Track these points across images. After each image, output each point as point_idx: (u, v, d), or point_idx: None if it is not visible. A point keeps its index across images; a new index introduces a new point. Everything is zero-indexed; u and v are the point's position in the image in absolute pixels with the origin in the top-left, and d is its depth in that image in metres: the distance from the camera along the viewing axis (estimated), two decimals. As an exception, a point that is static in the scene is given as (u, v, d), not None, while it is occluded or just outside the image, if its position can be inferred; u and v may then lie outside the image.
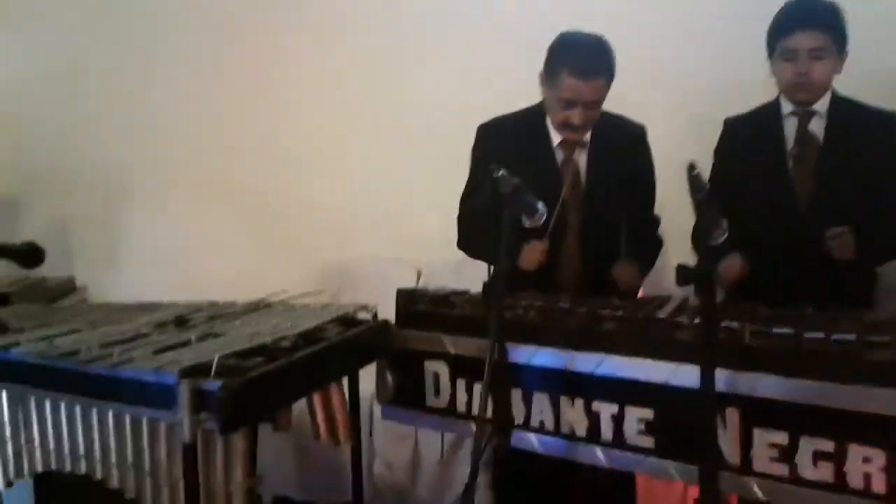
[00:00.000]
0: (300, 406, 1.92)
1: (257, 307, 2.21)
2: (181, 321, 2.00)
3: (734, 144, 2.28)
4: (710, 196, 1.57)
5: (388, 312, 2.16)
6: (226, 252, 3.63)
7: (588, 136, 2.24)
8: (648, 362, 1.72)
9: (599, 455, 1.80)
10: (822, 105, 2.15)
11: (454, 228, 2.36)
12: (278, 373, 1.67)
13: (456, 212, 2.35)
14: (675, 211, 2.16)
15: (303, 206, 3.59)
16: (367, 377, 2.13)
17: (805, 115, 2.16)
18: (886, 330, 1.59)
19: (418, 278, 3.33)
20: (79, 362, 1.71)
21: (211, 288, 2.57)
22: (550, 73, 2.14)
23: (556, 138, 2.24)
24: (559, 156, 2.25)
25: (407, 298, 2.13)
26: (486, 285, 1.86)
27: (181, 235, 3.69)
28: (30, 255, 1.68)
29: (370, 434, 2.85)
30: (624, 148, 2.26)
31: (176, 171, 3.70)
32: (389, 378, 2.11)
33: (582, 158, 2.25)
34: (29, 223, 3.88)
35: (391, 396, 2.13)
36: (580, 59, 2.09)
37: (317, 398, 1.94)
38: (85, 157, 3.84)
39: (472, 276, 2.12)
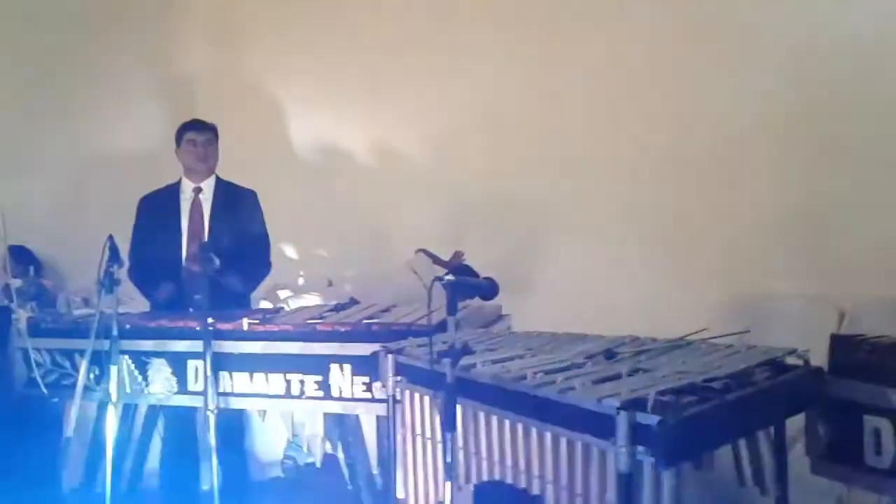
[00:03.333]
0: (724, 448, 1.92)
1: (679, 345, 2.26)
2: (610, 354, 2.14)
3: None
4: None
5: (814, 357, 2.05)
6: (637, 285, 3.75)
7: None
8: None
9: None
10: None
11: (889, 267, 2.17)
12: (712, 413, 1.70)
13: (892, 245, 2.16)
14: None
15: (713, 237, 3.57)
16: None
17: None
18: None
19: (841, 321, 3.09)
20: (527, 386, 1.92)
21: (620, 320, 2.69)
22: None
23: None
24: None
25: (845, 345, 2.00)
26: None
27: (593, 267, 3.91)
28: (490, 289, 1.95)
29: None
30: None
31: (589, 203, 3.94)
32: (821, 430, 2.00)
33: None
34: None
35: (823, 450, 2.01)
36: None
37: (742, 443, 1.92)
38: (513, 195, 4.25)
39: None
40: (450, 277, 1.93)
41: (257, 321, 2.90)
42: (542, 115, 4.14)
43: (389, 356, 2.39)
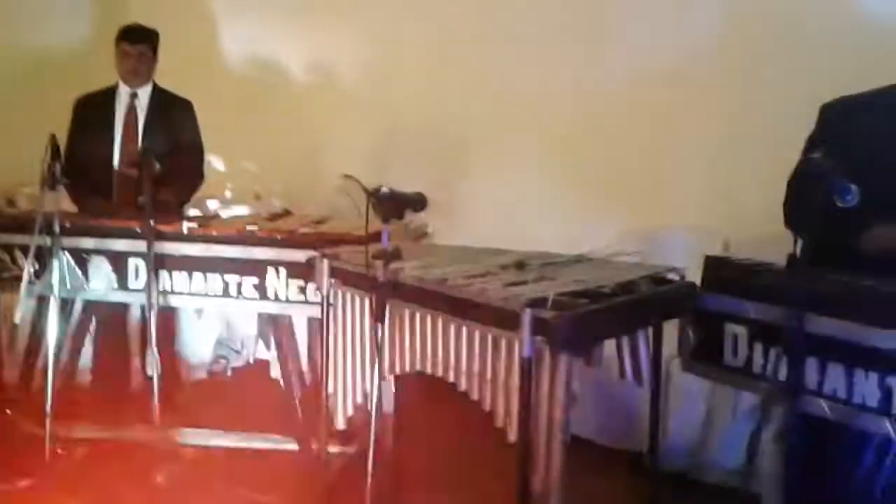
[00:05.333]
0: (609, 349, 2.27)
1: (580, 260, 2.60)
2: (521, 265, 2.45)
3: None
4: None
5: (693, 278, 2.42)
6: (550, 210, 4.09)
7: None
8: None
9: (888, 426, 1.92)
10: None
11: (769, 204, 2.52)
12: (599, 312, 2.04)
13: (773, 187, 2.51)
14: None
15: (620, 172, 3.91)
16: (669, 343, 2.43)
17: None
18: None
19: (726, 249, 3.50)
20: (447, 287, 2.22)
21: (534, 240, 3.00)
22: None
23: None
24: None
25: (714, 264, 2.38)
26: (790, 257, 2.03)
27: (513, 194, 4.21)
28: (420, 202, 2.22)
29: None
30: None
31: (514, 134, 4.21)
32: (691, 335, 2.38)
33: None
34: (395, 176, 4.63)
35: (691, 351, 2.40)
36: None
37: (625, 341, 2.28)
38: (443, 122, 4.47)
39: (779, 252, 2.30)
40: (385, 190, 2.18)
41: (197, 225, 3.09)
42: (479, 47, 4.34)
43: (325, 260, 2.65)
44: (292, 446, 3.12)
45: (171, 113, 3.70)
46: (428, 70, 4.53)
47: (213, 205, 4.79)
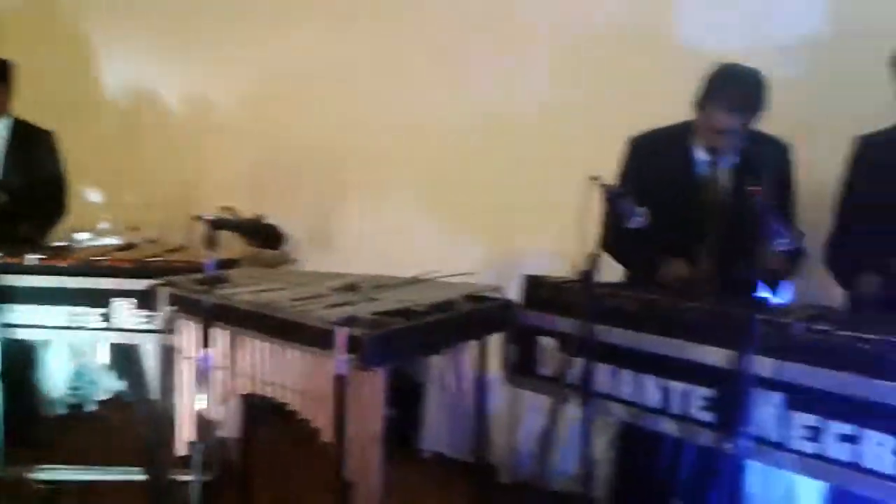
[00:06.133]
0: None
1: (413, 281, 2.73)
2: (352, 287, 2.57)
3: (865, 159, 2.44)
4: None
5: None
6: (423, 236, 4.22)
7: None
8: (716, 349, 2.00)
9: (667, 425, 2.10)
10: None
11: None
12: (411, 329, 2.17)
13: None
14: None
15: (484, 200, 4.10)
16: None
17: None
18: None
19: (572, 269, 3.70)
20: (272, 310, 2.31)
21: (408, 265, 3.11)
22: (702, 102, 2.45)
23: (700, 152, 2.54)
24: (704, 167, 2.55)
25: (532, 282, 2.55)
26: (583, 274, 2.22)
27: (388, 220, 4.34)
28: (273, 237, 2.31)
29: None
30: (769, 161, 2.46)
31: (388, 164, 4.35)
32: (511, 349, 2.54)
33: (725, 168, 2.53)
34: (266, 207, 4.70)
35: (512, 364, 2.55)
36: (732, 93, 2.38)
37: (448, 357, 2.42)
38: (318, 153, 4.58)
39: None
40: (209, 216, 2.27)
41: (44, 256, 3.08)
42: (353, 81, 4.47)
43: (165, 289, 2.69)
44: (142, 477, 3.11)
45: (31, 144, 3.69)
46: (304, 101, 4.63)
47: (82, 237, 4.75)
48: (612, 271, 2.95)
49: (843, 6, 2.96)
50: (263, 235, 2.88)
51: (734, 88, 2.38)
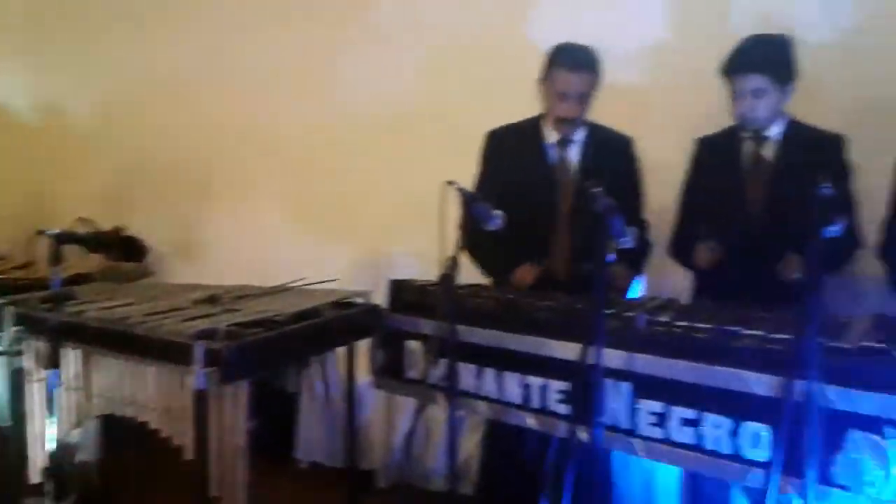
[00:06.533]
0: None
1: (278, 290, 2.69)
2: (213, 299, 2.50)
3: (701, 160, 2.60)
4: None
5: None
6: (292, 244, 4.16)
7: (580, 138, 2.62)
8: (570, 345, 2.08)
9: (529, 420, 2.17)
10: (775, 131, 2.44)
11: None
12: (271, 340, 2.14)
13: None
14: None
15: (353, 204, 4.09)
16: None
17: (758, 140, 2.46)
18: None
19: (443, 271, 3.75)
20: (125, 326, 2.22)
21: (278, 273, 3.05)
22: (546, 73, 2.56)
23: (550, 138, 2.63)
24: (554, 156, 2.63)
25: (397, 287, 2.56)
26: (443, 277, 2.26)
27: (257, 229, 4.25)
28: (133, 250, 2.21)
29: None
30: (614, 154, 2.63)
31: (256, 172, 4.26)
32: (378, 353, 2.54)
33: (574, 158, 2.63)
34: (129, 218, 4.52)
35: (380, 368, 2.56)
36: (571, 56, 2.53)
37: (315, 366, 2.40)
38: (181, 161, 4.42)
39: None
40: (53, 231, 2.15)
41: None
42: (217, 86, 4.35)
43: (10, 308, 2.54)
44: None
45: None
46: (168, 109, 4.47)
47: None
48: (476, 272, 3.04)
49: (678, 15, 3.16)
50: (121, 248, 2.77)
51: (572, 50, 2.54)
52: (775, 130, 2.45)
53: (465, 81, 3.72)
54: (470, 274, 2.79)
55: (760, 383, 1.76)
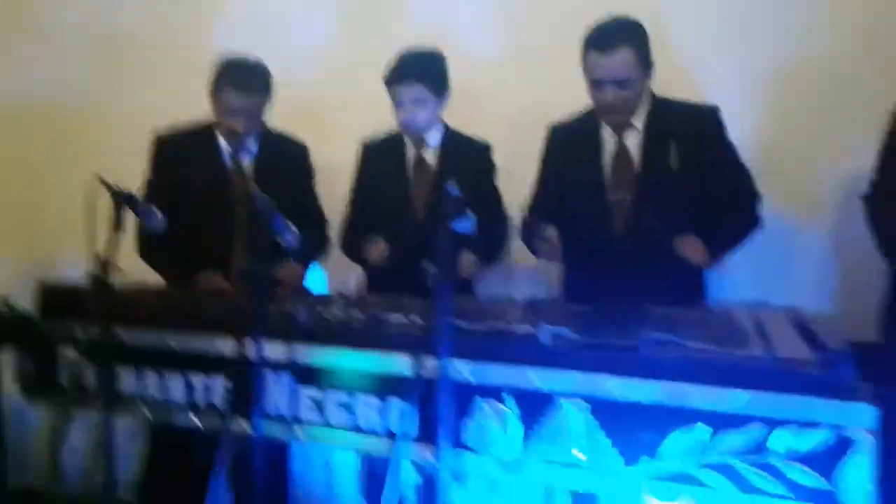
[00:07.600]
0: None
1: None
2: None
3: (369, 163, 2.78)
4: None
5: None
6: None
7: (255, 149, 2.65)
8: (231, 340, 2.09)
9: (196, 419, 2.16)
10: (434, 137, 2.67)
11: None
12: None
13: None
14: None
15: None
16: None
17: (420, 145, 2.66)
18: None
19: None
20: None
21: None
22: (215, 87, 2.56)
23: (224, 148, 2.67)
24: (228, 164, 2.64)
25: (47, 291, 2.38)
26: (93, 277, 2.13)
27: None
28: None
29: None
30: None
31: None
32: (26, 363, 2.34)
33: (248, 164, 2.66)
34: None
35: (31, 378, 2.36)
36: (239, 75, 2.55)
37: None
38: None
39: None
40: None
41: None
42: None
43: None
44: None
45: None
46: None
47: None
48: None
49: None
50: None
51: (240, 69, 2.57)
52: (435, 137, 2.69)
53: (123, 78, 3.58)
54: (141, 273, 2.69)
55: (404, 363, 1.94)
